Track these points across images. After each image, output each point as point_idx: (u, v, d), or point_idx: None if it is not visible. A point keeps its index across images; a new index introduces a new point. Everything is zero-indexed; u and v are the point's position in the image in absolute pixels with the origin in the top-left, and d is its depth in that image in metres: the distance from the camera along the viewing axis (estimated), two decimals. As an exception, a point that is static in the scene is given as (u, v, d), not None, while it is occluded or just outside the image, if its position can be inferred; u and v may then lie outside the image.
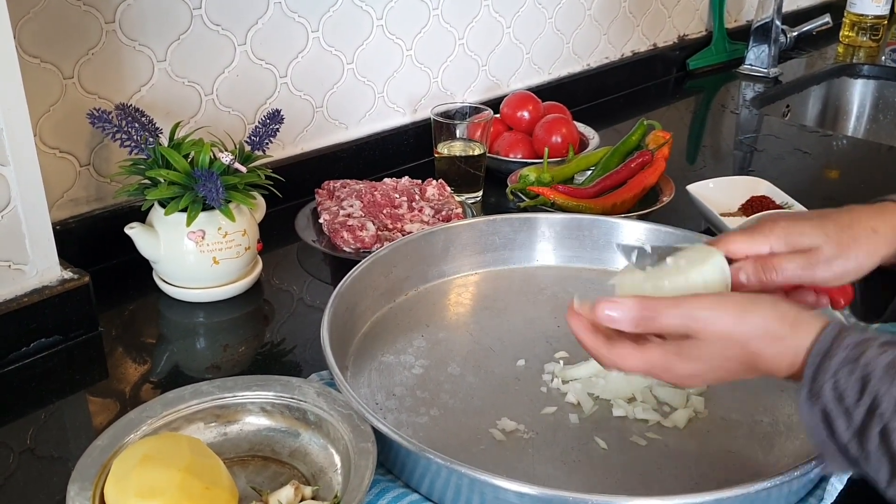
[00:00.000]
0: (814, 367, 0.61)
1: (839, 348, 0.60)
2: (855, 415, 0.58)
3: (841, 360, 0.60)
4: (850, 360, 0.60)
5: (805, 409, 0.62)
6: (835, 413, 0.60)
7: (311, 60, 1.25)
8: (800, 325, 0.63)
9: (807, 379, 0.61)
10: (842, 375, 0.59)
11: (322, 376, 0.87)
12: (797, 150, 1.56)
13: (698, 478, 0.75)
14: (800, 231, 0.70)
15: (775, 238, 0.70)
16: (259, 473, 0.75)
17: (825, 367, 0.60)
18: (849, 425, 0.59)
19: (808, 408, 0.61)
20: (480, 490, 0.68)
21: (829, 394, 0.60)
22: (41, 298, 0.90)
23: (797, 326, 0.63)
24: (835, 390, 0.59)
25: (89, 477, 0.68)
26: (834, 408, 0.60)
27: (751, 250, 0.70)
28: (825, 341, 0.61)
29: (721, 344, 0.64)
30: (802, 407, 0.62)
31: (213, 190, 0.92)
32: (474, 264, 1.07)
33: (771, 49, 1.93)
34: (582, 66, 1.74)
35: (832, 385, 0.60)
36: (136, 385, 0.89)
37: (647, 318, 0.65)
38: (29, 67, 0.96)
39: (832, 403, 0.60)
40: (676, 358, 0.65)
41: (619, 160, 1.29)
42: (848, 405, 0.59)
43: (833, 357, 0.60)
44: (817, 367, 0.61)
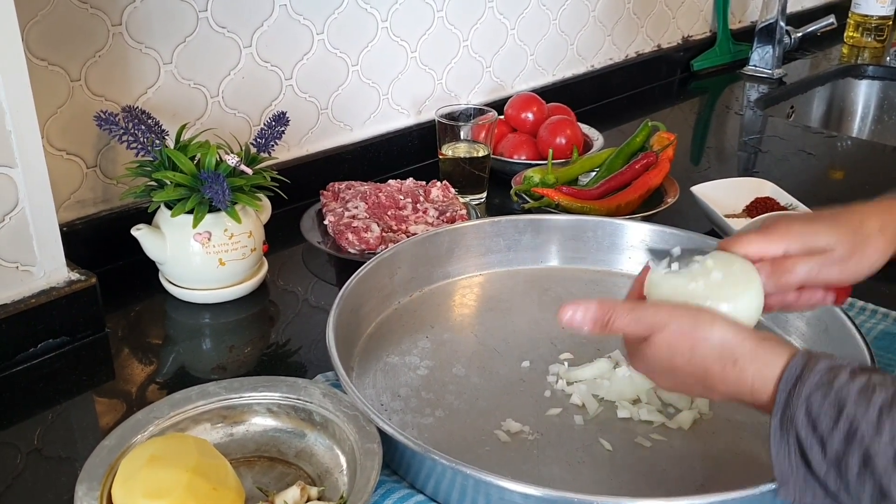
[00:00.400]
0: (785, 392, 0.60)
1: (811, 373, 0.59)
2: (831, 441, 0.57)
3: (813, 385, 0.59)
4: (822, 385, 0.58)
5: (776, 437, 0.60)
6: (808, 441, 0.58)
7: (316, 62, 1.26)
8: (763, 353, 0.62)
9: (778, 405, 0.60)
10: (815, 400, 0.58)
11: (327, 377, 0.87)
12: (801, 152, 1.56)
13: (703, 479, 0.76)
14: (814, 232, 0.71)
15: (791, 239, 0.71)
16: (265, 474, 0.75)
17: (797, 392, 0.59)
18: (825, 454, 0.57)
19: (778, 436, 0.60)
20: (486, 491, 0.68)
21: (803, 420, 0.58)
22: (48, 300, 0.91)
23: (760, 353, 0.62)
24: (808, 416, 0.58)
25: (97, 477, 0.68)
26: (807, 435, 0.58)
27: (768, 252, 0.71)
28: (796, 367, 0.60)
29: (668, 351, 0.65)
30: (773, 434, 0.60)
31: (220, 192, 0.93)
32: (479, 266, 1.08)
33: (775, 50, 1.93)
34: (586, 67, 1.74)
35: (805, 411, 0.58)
36: (142, 386, 0.90)
37: (604, 321, 0.68)
38: (36, 70, 0.97)
39: (805, 430, 0.58)
40: (632, 352, 0.69)
41: (623, 161, 1.29)
42: (822, 432, 0.57)
43: (805, 382, 0.59)
44: (789, 393, 0.59)
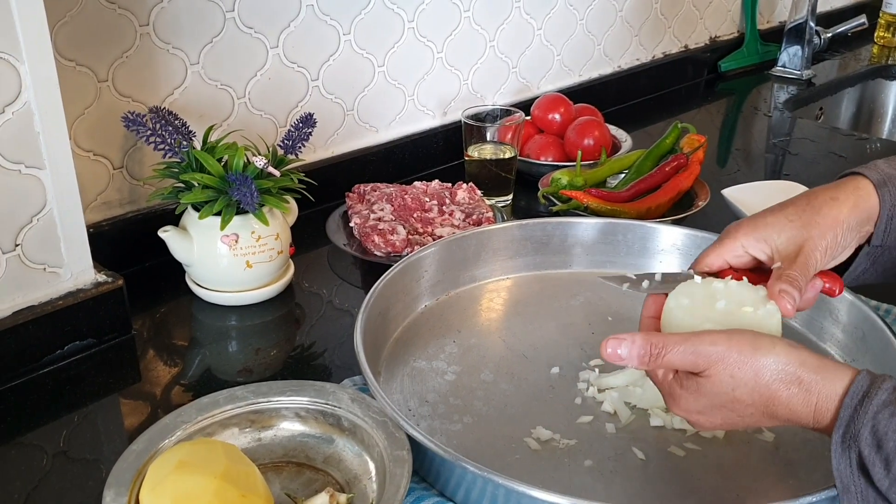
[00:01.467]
0: (850, 409, 0.58)
1: (878, 390, 0.58)
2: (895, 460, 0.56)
3: (882, 403, 0.57)
4: (891, 403, 0.57)
5: (837, 453, 0.59)
6: (871, 459, 0.57)
7: (342, 63, 1.25)
8: (826, 371, 0.61)
9: (842, 421, 0.59)
10: (882, 418, 0.57)
11: (354, 381, 0.87)
12: (831, 154, 1.54)
13: (739, 490, 0.74)
14: (764, 223, 0.71)
15: (743, 237, 0.72)
16: (293, 480, 0.74)
17: (863, 409, 0.58)
18: (889, 471, 0.56)
19: (840, 451, 0.59)
20: (517, 501, 0.67)
21: (868, 438, 0.57)
22: (75, 301, 0.91)
23: (823, 372, 0.61)
24: (873, 435, 0.57)
25: (125, 482, 0.68)
26: (871, 454, 0.57)
27: (727, 258, 0.73)
28: (862, 384, 0.59)
29: (730, 383, 0.62)
30: (834, 450, 0.59)
31: (248, 194, 0.92)
32: (506, 269, 1.06)
33: (804, 51, 1.91)
34: (613, 67, 1.72)
35: (871, 429, 0.57)
36: (168, 388, 0.89)
37: (653, 356, 0.64)
38: (64, 70, 0.97)
39: (868, 449, 0.57)
40: (683, 389, 0.65)
41: (652, 163, 1.28)
42: (888, 452, 0.56)
43: (873, 399, 0.58)
44: (854, 410, 0.58)
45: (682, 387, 0.65)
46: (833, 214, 0.70)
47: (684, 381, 0.65)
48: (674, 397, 0.66)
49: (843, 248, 0.72)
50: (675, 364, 0.64)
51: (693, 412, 0.65)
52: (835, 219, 0.70)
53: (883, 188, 0.72)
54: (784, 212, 0.72)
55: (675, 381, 0.65)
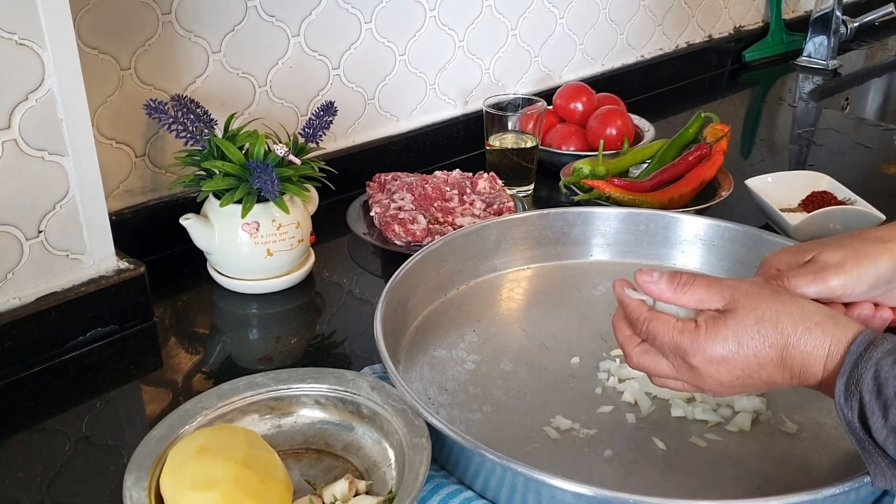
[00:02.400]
0: (855, 354, 0.59)
1: (884, 340, 0.58)
2: (894, 408, 0.55)
3: (886, 350, 0.57)
4: (894, 352, 0.57)
5: (840, 402, 0.59)
6: (870, 406, 0.57)
7: (363, 52, 1.25)
8: (839, 318, 0.62)
9: (846, 366, 0.59)
10: (885, 364, 0.57)
11: (374, 370, 0.87)
12: (858, 145, 1.52)
13: (761, 481, 0.73)
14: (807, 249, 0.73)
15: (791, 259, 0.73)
16: (313, 466, 0.75)
17: (868, 355, 0.58)
18: (886, 419, 0.56)
19: (843, 399, 0.59)
20: (536, 489, 0.67)
21: (869, 383, 0.57)
22: (98, 288, 0.91)
23: (836, 318, 0.62)
24: (875, 380, 0.57)
25: (145, 468, 0.68)
26: (871, 399, 0.57)
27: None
28: (869, 334, 0.60)
29: (755, 315, 0.62)
30: (838, 398, 0.59)
31: (269, 182, 0.92)
32: (527, 259, 1.06)
33: (830, 40, 1.88)
34: (636, 57, 1.71)
35: (873, 374, 0.57)
36: (189, 375, 0.90)
37: (682, 282, 0.66)
38: (87, 59, 0.97)
39: (869, 395, 0.57)
40: (706, 331, 0.64)
41: (675, 153, 1.26)
42: (887, 397, 0.56)
43: (878, 346, 0.58)
44: (859, 356, 0.58)
45: (707, 328, 0.64)
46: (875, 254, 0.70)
47: (708, 323, 0.64)
48: (696, 345, 0.64)
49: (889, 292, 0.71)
50: (701, 292, 0.65)
51: (714, 361, 0.64)
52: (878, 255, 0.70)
53: None
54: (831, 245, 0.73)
55: (696, 329, 0.65)
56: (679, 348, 0.65)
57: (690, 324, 0.66)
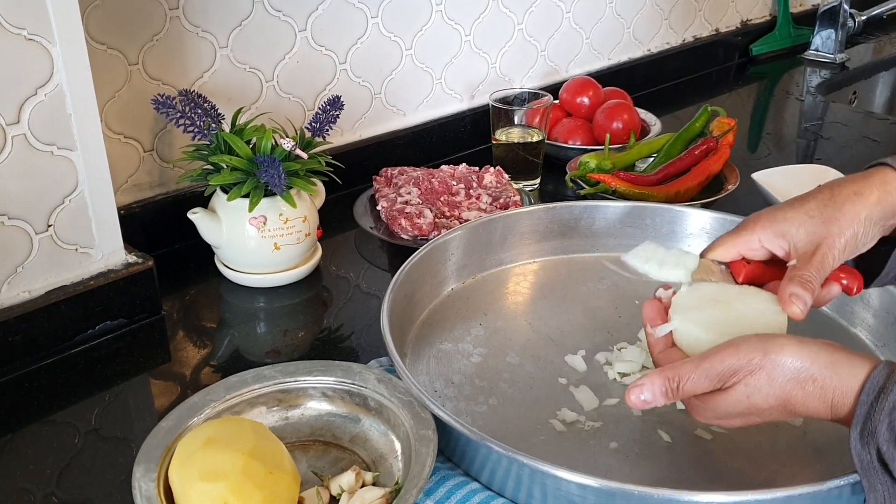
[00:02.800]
0: (867, 405, 0.58)
1: (895, 384, 0.57)
2: None
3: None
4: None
5: (856, 449, 0.59)
6: (890, 455, 0.56)
7: (370, 46, 1.25)
8: (839, 367, 0.60)
9: (858, 418, 0.58)
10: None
11: (381, 363, 0.87)
12: (865, 138, 1.51)
13: (767, 473, 0.73)
14: (783, 217, 0.69)
15: (761, 231, 0.70)
16: (320, 458, 0.75)
17: (880, 406, 0.57)
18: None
19: (860, 447, 0.58)
20: (542, 481, 0.67)
21: (885, 434, 0.56)
22: (106, 282, 0.92)
23: (835, 368, 0.60)
24: (891, 430, 0.56)
25: (154, 459, 0.69)
26: (889, 449, 0.56)
27: (741, 250, 0.71)
28: (878, 378, 0.58)
29: (744, 391, 0.62)
30: (854, 447, 0.59)
31: (276, 176, 0.93)
32: (533, 253, 1.06)
33: (838, 34, 1.88)
34: (642, 51, 1.71)
35: (888, 425, 0.56)
36: (197, 368, 0.90)
37: (673, 390, 0.64)
38: (96, 54, 0.98)
39: (887, 444, 0.56)
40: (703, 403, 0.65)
41: (682, 147, 1.26)
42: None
43: (889, 395, 0.57)
44: (870, 406, 0.57)
45: (702, 401, 0.65)
46: (855, 210, 0.68)
47: (704, 397, 0.65)
48: (695, 410, 0.66)
49: (865, 244, 0.70)
50: (695, 391, 0.64)
51: (713, 420, 0.66)
52: (856, 215, 0.68)
53: None
54: (804, 206, 0.69)
55: (694, 398, 0.66)
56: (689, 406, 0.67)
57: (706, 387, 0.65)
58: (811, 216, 0.69)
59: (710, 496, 0.63)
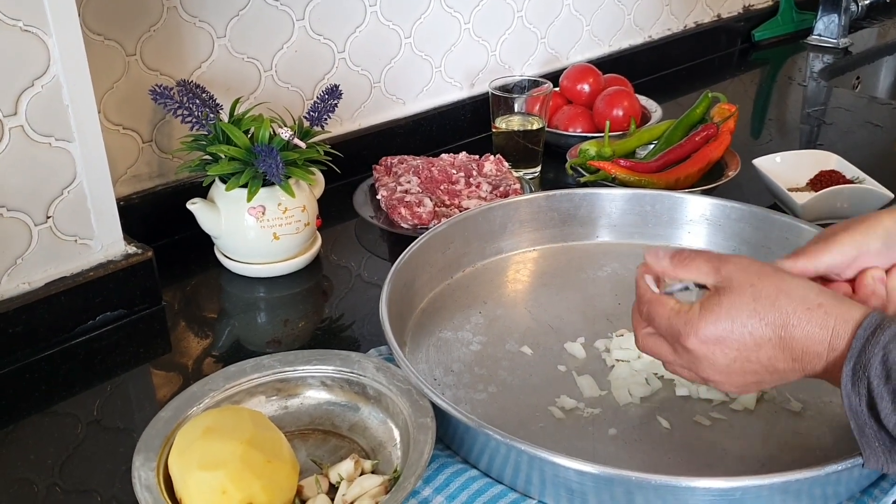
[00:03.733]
0: (862, 339, 0.57)
1: (893, 323, 0.57)
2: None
3: (893, 334, 0.56)
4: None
5: (847, 387, 0.58)
6: (879, 391, 0.56)
7: (368, 35, 1.24)
8: (843, 300, 0.61)
9: (853, 351, 0.57)
10: (894, 348, 0.56)
11: (381, 352, 0.87)
12: (868, 123, 1.51)
13: (765, 459, 0.73)
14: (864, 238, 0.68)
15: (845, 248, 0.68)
16: (319, 447, 0.75)
17: (876, 339, 0.56)
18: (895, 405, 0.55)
19: (850, 385, 0.57)
20: (540, 468, 0.67)
21: (877, 368, 0.56)
22: (106, 273, 0.92)
23: (840, 299, 0.60)
24: (883, 365, 0.56)
25: (153, 448, 0.69)
26: (879, 385, 0.56)
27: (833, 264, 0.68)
28: (876, 316, 0.58)
29: (750, 293, 0.61)
30: (845, 382, 0.58)
31: (273, 165, 0.93)
32: (533, 241, 1.06)
33: (841, 18, 1.87)
34: (643, 37, 1.70)
35: (881, 359, 0.56)
36: (198, 358, 0.91)
37: (684, 258, 0.66)
38: (93, 44, 0.97)
39: (878, 380, 0.56)
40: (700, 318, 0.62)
41: (682, 133, 1.26)
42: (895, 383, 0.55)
43: (886, 329, 0.57)
44: (866, 340, 0.57)
45: (701, 308, 0.63)
46: None
47: (703, 303, 0.63)
48: (690, 325, 0.63)
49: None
50: (700, 265, 0.64)
51: (709, 342, 0.62)
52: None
53: None
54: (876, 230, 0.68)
55: (691, 310, 0.64)
56: (674, 329, 0.64)
57: (687, 306, 0.65)
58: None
59: (707, 482, 0.63)
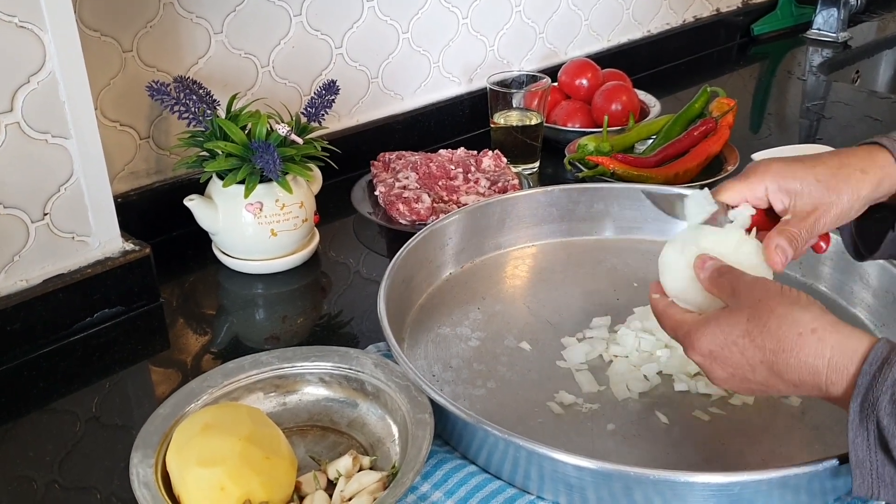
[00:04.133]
0: (869, 375, 0.56)
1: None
2: None
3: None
4: None
5: (854, 422, 0.57)
6: (891, 430, 0.55)
7: (366, 30, 1.24)
8: (843, 328, 0.59)
9: (860, 386, 0.56)
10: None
11: (379, 348, 0.87)
12: (867, 118, 1.50)
13: (764, 454, 0.73)
14: (793, 175, 0.70)
15: (770, 182, 0.71)
16: (318, 443, 0.75)
17: (883, 375, 0.55)
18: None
19: (857, 420, 0.56)
20: (538, 463, 0.67)
21: (888, 407, 0.55)
22: (104, 269, 0.92)
23: (839, 326, 0.59)
24: (893, 404, 0.55)
25: (152, 445, 0.69)
26: (890, 424, 0.55)
27: (748, 194, 0.72)
28: (881, 350, 0.56)
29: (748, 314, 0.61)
30: (852, 419, 0.57)
31: (271, 162, 0.92)
32: (531, 236, 1.06)
33: (840, 12, 1.86)
34: (642, 32, 1.69)
35: (891, 397, 0.55)
36: (197, 355, 0.90)
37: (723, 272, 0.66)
38: (89, 41, 0.97)
39: (889, 419, 0.55)
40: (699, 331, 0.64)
41: (681, 128, 1.26)
42: None
43: (893, 366, 0.55)
44: (873, 376, 0.55)
45: (702, 322, 0.64)
46: (858, 187, 0.70)
47: (707, 317, 0.64)
48: (689, 338, 0.65)
49: (851, 217, 0.71)
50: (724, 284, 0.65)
51: (706, 355, 0.63)
52: (857, 192, 0.70)
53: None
54: (814, 170, 0.71)
55: (694, 322, 0.65)
56: (679, 340, 0.66)
57: (690, 317, 0.66)
58: (818, 180, 0.70)
59: (706, 477, 0.63)
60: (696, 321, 0.65)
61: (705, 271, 0.68)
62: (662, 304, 0.70)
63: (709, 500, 0.65)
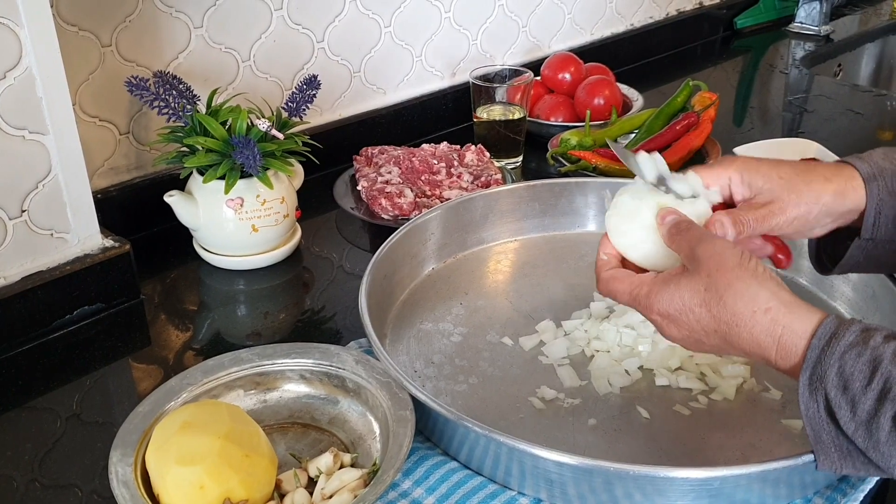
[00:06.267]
0: (818, 349, 0.57)
1: (846, 332, 0.57)
2: (863, 401, 0.55)
3: (848, 344, 0.56)
4: (856, 344, 0.56)
5: (804, 396, 0.58)
6: (837, 401, 0.56)
7: (348, 24, 1.24)
8: (796, 307, 0.60)
9: (809, 363, 0.58)
10: (849, 359, 0.56)
11: (361, 344, 0.87)
12: (849, 111, 1.51)
13: (744, 448, 0.74)
14: (756, 169, 0.71)
15: (734, 173, 0.71)
16: (299, 440, 0.75)
17: (831, 349, 0.57)
18: (854, 413, 0.56)
19: (807, 394, 0.58)
20: (519, 459, 0.67)
21: (834, 380, 0.56)
22: (83, 266, 0.91)
23: (792, 307, 0.60)
24: (840, 376, 0.56)
25: (131, 443, 0.68)
26: (836, 395, 0.56)
27: (712, 182, 0.72)
28: (829, 326, 0.58)
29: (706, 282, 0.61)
30: (802, 393, 0.58)
31: (251, 157, 0.92)
32: (514, 231, 1.06)
33: (823, 6, 1.87)
34: (625, 25, 1.70)
35: (837, 370, 0.56)
36: (178, 352, 0.90)
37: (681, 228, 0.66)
38: (67, 36, 0.96)
39: (835, 391, 0.56)
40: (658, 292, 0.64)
41: (663, 122, 1.26)
42: (854, 392, 0.55)
43: (840, 339, 0.57)
44: (822, 350, 0.57)
45: (662, 282, 0.65)
46: (818, 192, 0.70)
47: (665, 278, 0.65)
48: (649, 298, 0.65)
49: (813, 228, 0.72)
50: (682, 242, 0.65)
51: (663, 315, 0.64)
52: (818, 197, 0.70)
53: (872, 182, 0.70)
54: (778, 169, 0.71)
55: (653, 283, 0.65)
56: (638, 303, 0.66)
57: (648, 276, 0.66)
58: (781, 178, 0.71)
59: (686, 472, 0.64)
60: (654, 282, 0.65)
61: (665, 225, 0.68)
62: (614, 265, 0.70)
63: (689, 494, 0.65)
